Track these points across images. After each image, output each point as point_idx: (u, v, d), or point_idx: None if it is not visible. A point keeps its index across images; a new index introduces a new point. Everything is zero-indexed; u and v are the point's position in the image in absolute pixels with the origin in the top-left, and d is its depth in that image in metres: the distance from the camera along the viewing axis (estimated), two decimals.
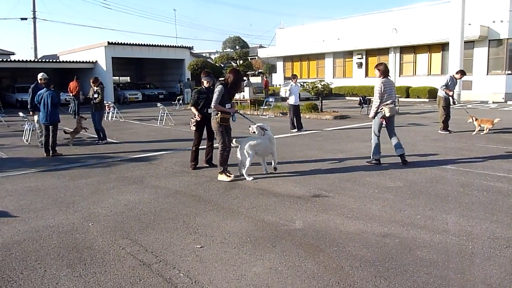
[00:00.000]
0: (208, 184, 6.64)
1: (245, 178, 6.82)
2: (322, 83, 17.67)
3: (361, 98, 18.41)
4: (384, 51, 28.66)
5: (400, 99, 19.40)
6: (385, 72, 7.59)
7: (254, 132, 7.25)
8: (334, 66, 32.52)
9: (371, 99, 18.14)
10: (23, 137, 11.98)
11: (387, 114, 7.55)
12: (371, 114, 7.85)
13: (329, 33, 32.07)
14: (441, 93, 11.69)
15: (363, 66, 30.30)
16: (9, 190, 6.52)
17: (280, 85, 32.94)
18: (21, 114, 12.36)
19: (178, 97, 25.18)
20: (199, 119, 7.60)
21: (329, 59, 32.41)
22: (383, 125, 7.73)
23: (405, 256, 3.83)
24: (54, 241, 4.39)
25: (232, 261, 3.84)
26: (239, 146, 6.98)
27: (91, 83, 11.24)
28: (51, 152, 9.47)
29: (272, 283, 3.41)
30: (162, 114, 16.21)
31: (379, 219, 4.83)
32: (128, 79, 38.25)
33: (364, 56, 30.15)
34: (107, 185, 6.67)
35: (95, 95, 11.06)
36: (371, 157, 7.80)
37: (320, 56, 32.82)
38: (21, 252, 4.13)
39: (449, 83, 11.53)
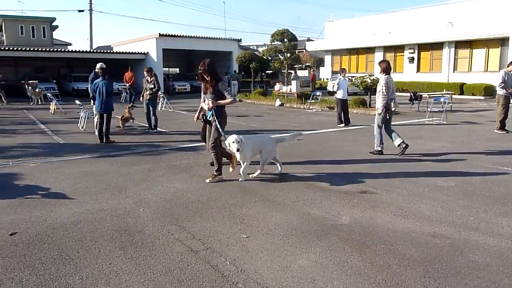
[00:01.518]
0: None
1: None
2: (372, 77, 17.26)
3: (411, 94, 17.82)
4: (438, 45, 27.56)
5: (453, 96, 18.62)
6: (387, 70, 8.24)
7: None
8: None
9: (423, 95, 17.65)
10: (79, 124, 12.56)
11: (393, 109, 8.43)
12: (380, 109, 8.18)
13: (379, 26, 31.23)
14: (500, 91, 11.12)
15: (415, 61, 29.29)
16: (66, 173, 6.88)
17: (327, 79, 32.53)
18: (77, 102, 12.95)
19: None
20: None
21: (379, 53, 31.58)
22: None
23: (456, 258, 3.71)
24: (107, 224, 4.60)
25: (277, 252, 3.87)
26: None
27: (145, 73, 11.57)
28: (104, 139, 9.88)
29: (317, 276, 3.41)
30: None
31: (429, 218, 4.70)
32: (177, 70, 39.08)
33: (416, 51, 29.13)
34: (157, 173, 6.88)
35: (151, 86, 11.39)
36: (375, 148, 8.33)
37: (370, 50, 32.05)
38: (77, 233, 4.35)
39: (506, 78, 10.94)
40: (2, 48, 27.40)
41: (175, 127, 12.81)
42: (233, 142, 6.01)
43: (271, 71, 40.62)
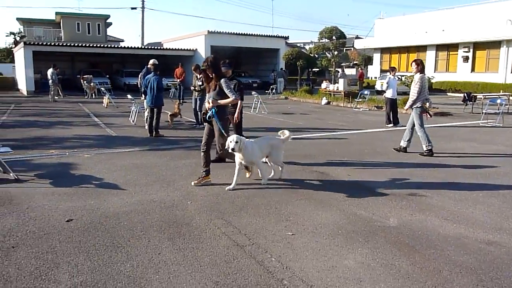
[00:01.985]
0: (300, 174, 6.67)
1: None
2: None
3: (465, 95, 17.12)
4: (495, 44, 26.27)
5: (510, 98, 17.69)
6: (423, 69, 8.21)
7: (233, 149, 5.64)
8: (437, 59, 30.58)
9: (477, 96, 16.89)
10: (130, 118, 13.00)
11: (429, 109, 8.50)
12: (408, 105, 8.25)
13: (432, 24, 30.16)
14: None
15: (470, 60, 28.07)
16: (118, 165, 7.15)
17: (375, 77, 31.83)
18: (129, 96, 13.41)
19: (271, 86, 25.49)
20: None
21: (431, 51, 30.54)
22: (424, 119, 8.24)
23: None
24: (156, 215, 4.75)
25: (323, 252, 3.84)
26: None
27: (193, 70, 11.79)
28: (154, 133, 10.18)
29: (363, 277, 3.36)
30: (256, 103, 16.55)
31: (482, 225, 4.50)
32: None
33: (471, 50, 27.90)
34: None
35: (199, 83, 11.60)
36: (424, 149, 8.10)
37: (421, 49, 31.04)
38: (128, 222, 4.52)
39: None
40: (60, 44, 28.81)
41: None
42: (231, 141, 5.60)
43: (317, 69, 40.26)
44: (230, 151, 5.64)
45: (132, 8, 42.02)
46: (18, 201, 5.15)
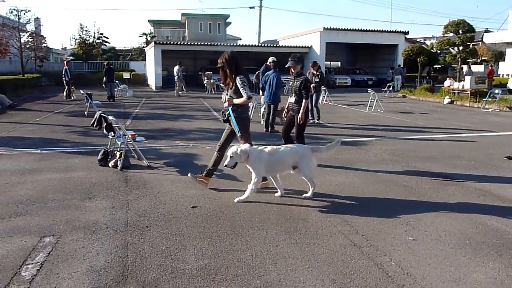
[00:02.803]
0: (420, 177, 6.30)
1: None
2: None
3: None
4: None
5: None
6: None
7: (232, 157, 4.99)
8: None
9: None
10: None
11: None
12: None
13: None
14: None
15: None
16: None
17: (508, 75, 28.64)
18: None
19: (388, 84, 24.46)
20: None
21: None
22: None
23: None
24: (274, 208, 4.87)
25: (448, 261, 3.59)
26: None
27: (311, 67, 11.82)
28: (269, 128, 10.43)
29: None
30: (372, 100, 16.02)
31: None
32: (338, 64, 38.95)
33: None
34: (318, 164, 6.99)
35: (316, 79, 11.61)
36: None
37: None
38: (247, 213, 4.71)
39: None
40: (185, 43, 31.01)
41: (336, 120, 12.82)
42: (228, 156, 5.02)
43: (439, 66, 37.53)
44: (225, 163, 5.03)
45: (251, 7, 43.44)
46: (151, 186, 5.69)
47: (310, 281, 3.25)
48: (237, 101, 5.36)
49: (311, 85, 11.55)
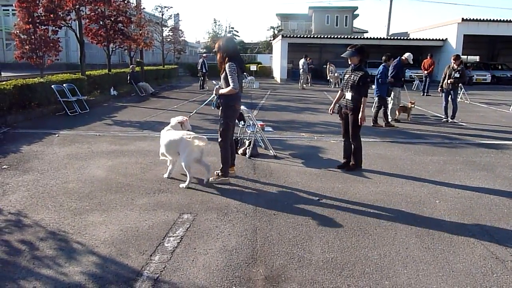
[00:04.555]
0: None
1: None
2: None
3: None
4: None
5: None
6: None
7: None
8: None
9: None
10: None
11: None
12: None
13: None
14: None
15: None
16: (362, 154, 7.28)
17: None
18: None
19: None
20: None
21: None
22: None
23: None
24: (402, 208, 4.66)
25: None
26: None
27: (452, 60, 10.91)
28: (384, 122, 10.39)
29: None
30: None
31: None
32: (477, 58, 35.46)
33: None
34: (453, 167, 6.48)
35: (457, 75, 10.73)
36: None
37: None
38: (374, 211, 4.58)
39: None
40: (311, 36, 31.05)
41: (473, 120, 11.71)
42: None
43: None
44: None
45: None
46: (277, 175, 5.85)
47: None
48: (222, 91, 5.31)
49: (449, 80, 10.75)
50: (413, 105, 11.49)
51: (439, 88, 11.39)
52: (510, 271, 3.32)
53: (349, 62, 6.06)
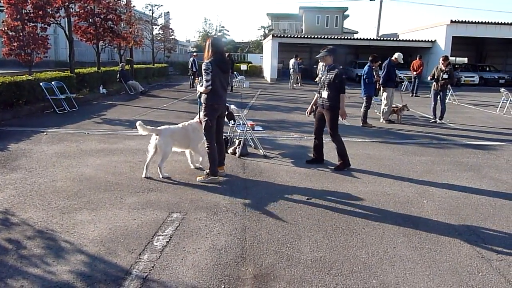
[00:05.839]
0: None
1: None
2: None
3: None
4: None
5: None
6: None
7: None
8: None
9: None
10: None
11: None
12: None
13: None
14: None
15: None
16: (350, 154, 7.23)
17: None
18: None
19: None
20: None
21: None
22: None
23: None
24: (390, 208, 4.70)
25: None
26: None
27: (441, 61, 11.00)
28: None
29: None
30: (504, 101, 14.46)
31: None
32: (465, 60, 35.86)
33: None
34: (441, 167, 6.56)
35: (444, 75, 10.84)
36: None
37: None
38: (362, 210, 4.62)
39: None
40: (301, 36, 31.13)
41: (460, 121, 11.84)
42: None
43: None
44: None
45: (370, 0, 42.06)
46: (267, 175, 5.87)
47: None
48: (198, 88, 5.51)
49: (436, 80, 10.85)
50: (407, 109, 11.49)
51: (429, 77, 11.39)
52: (496, 270, 3.38)
53: (324, 63, 6.25)
